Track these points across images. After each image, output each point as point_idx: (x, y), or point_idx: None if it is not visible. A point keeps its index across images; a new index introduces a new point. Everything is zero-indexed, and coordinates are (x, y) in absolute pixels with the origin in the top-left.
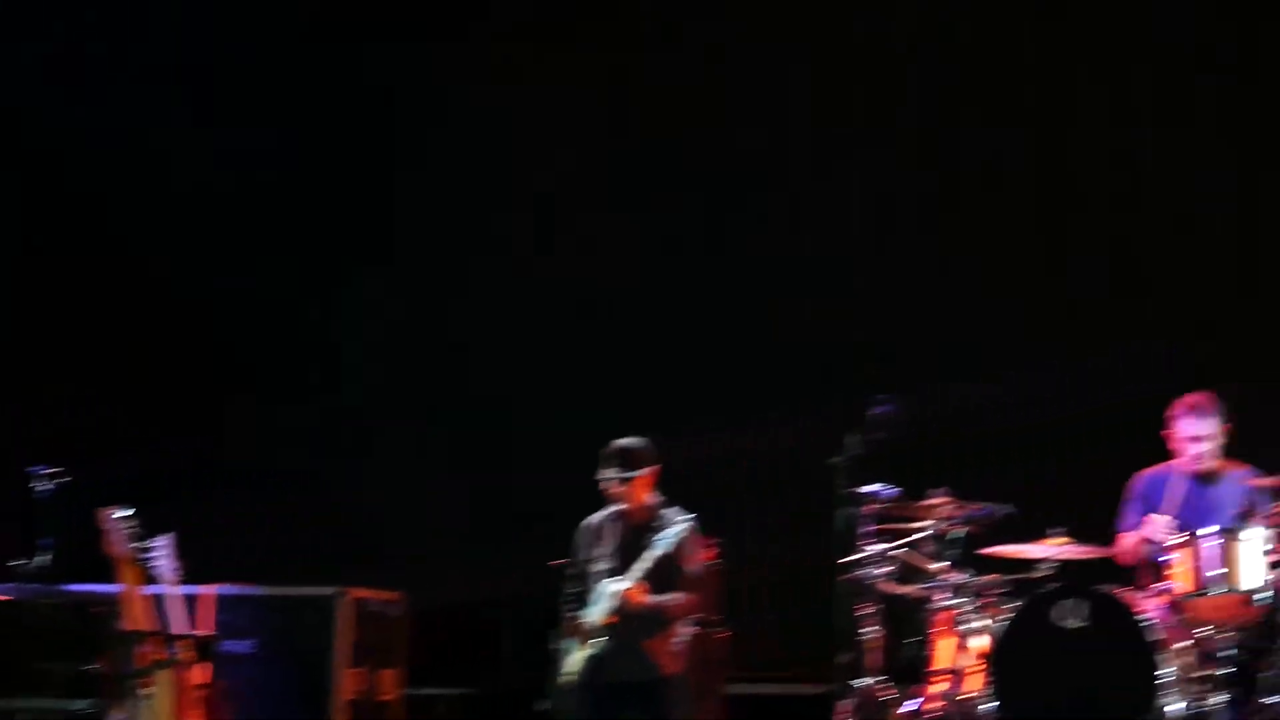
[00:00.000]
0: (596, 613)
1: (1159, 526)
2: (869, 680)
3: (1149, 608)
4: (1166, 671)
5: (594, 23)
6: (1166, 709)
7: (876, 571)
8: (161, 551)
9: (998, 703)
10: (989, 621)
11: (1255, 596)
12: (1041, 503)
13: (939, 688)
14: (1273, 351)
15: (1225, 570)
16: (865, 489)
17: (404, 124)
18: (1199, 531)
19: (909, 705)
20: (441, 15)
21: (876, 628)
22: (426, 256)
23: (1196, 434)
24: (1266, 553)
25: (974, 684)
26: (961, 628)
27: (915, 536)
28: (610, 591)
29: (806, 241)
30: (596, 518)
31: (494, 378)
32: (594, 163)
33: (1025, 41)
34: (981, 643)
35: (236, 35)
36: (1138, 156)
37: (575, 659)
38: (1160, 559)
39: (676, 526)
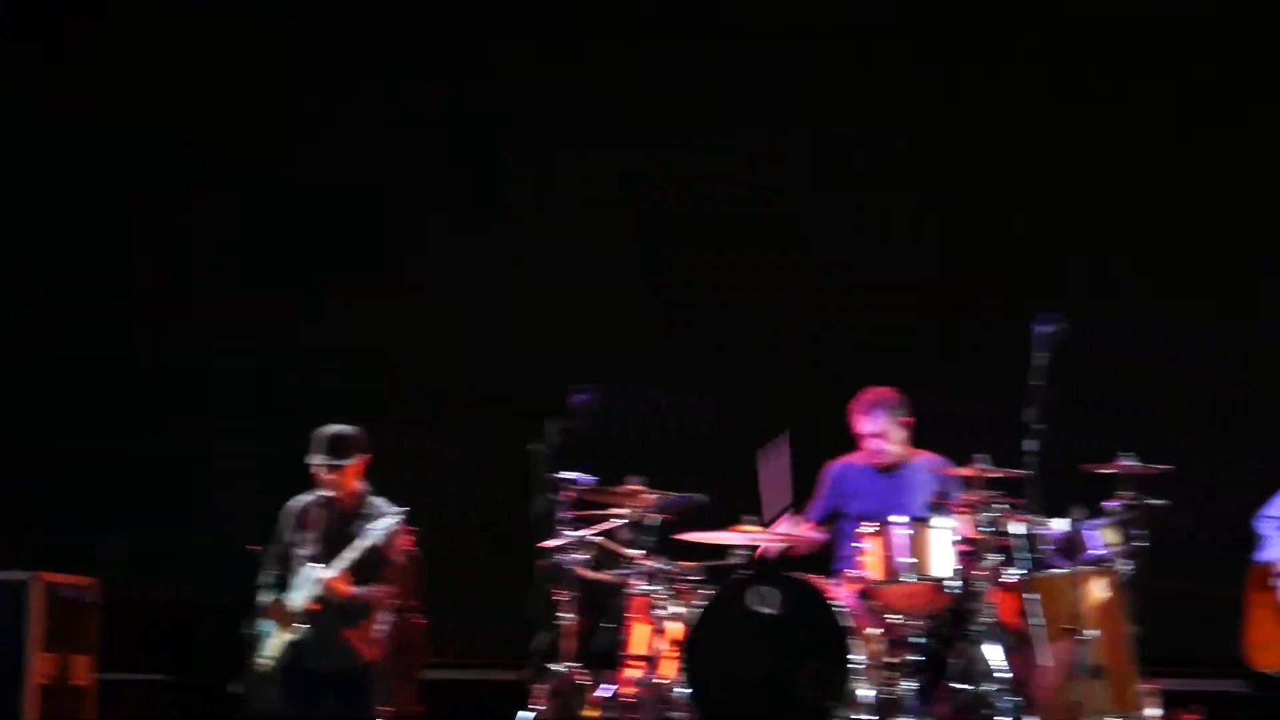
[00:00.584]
0: (298, 598)
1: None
2: (565, 665)
3: (840, 595)
4: (857, 658)
5: None
6: (857, 696)
7: (574, 558)
8: None
9: (690, 689)
10: (683, 608)
11: (944, 585)
12: (740, 492)
13: (634, 673)
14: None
15: (914, 559)
16: (563, 476)
17: None
18: (890, 520)
19: (604, 690)
20: None
21: (573, 613)
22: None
23: (871, 430)
24: (955, 542)
25: (668, 670)
26: (656, 614)
27: (612, 523)
28: (313, 578)
29: (516, 236)
30: (302, 501)
31: (198, 363)
32: None
33: None
34: (676, 629)
35: None
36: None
37: (273, 644)
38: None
39: (387, 519)
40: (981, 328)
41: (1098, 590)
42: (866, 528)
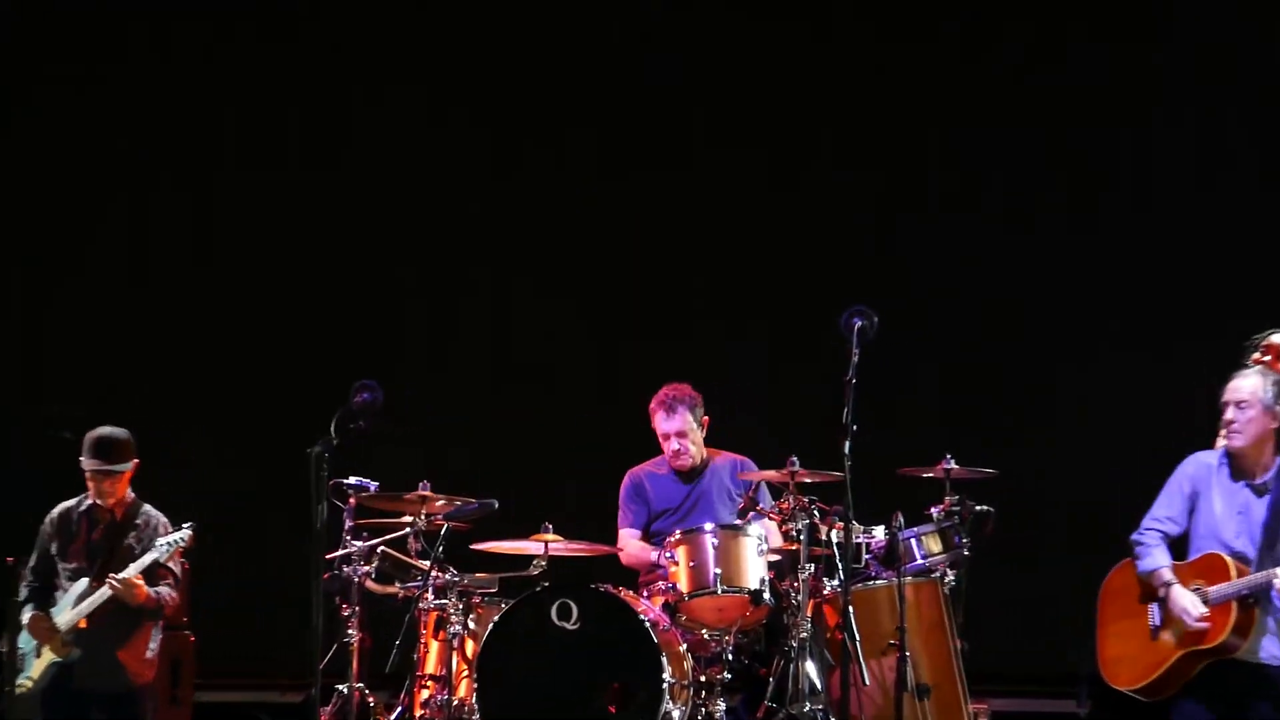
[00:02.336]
0: (65, 615)
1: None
2: (351, 685)
3: (646, 609)
4: (665, 677)
5: None
6: (665, 717)
7: (358, 569)
8: None
9: (483, 711)
10: (477, 623)
11: (757, 597)
12: (535, 498)
13: (426, 694)
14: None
15: (722, 569)
16: (345, 482)
17: None
18: (696, 528)
19: (394, 713)
20: None
21: (358, 630)
22: None
23: (670, 430)
24: (766, 551)
25: (464, 690)
26: (449, 630)
27: (399, 533)
28: (80, 591)
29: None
30: (65, 508)
31: None
32: None
33: None
34: (470, 646)
35: None
36: None
37: (36, 664)
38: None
39: (175, 535)
40: (788, 322)
41: (921, 603)
42: (673, 537)
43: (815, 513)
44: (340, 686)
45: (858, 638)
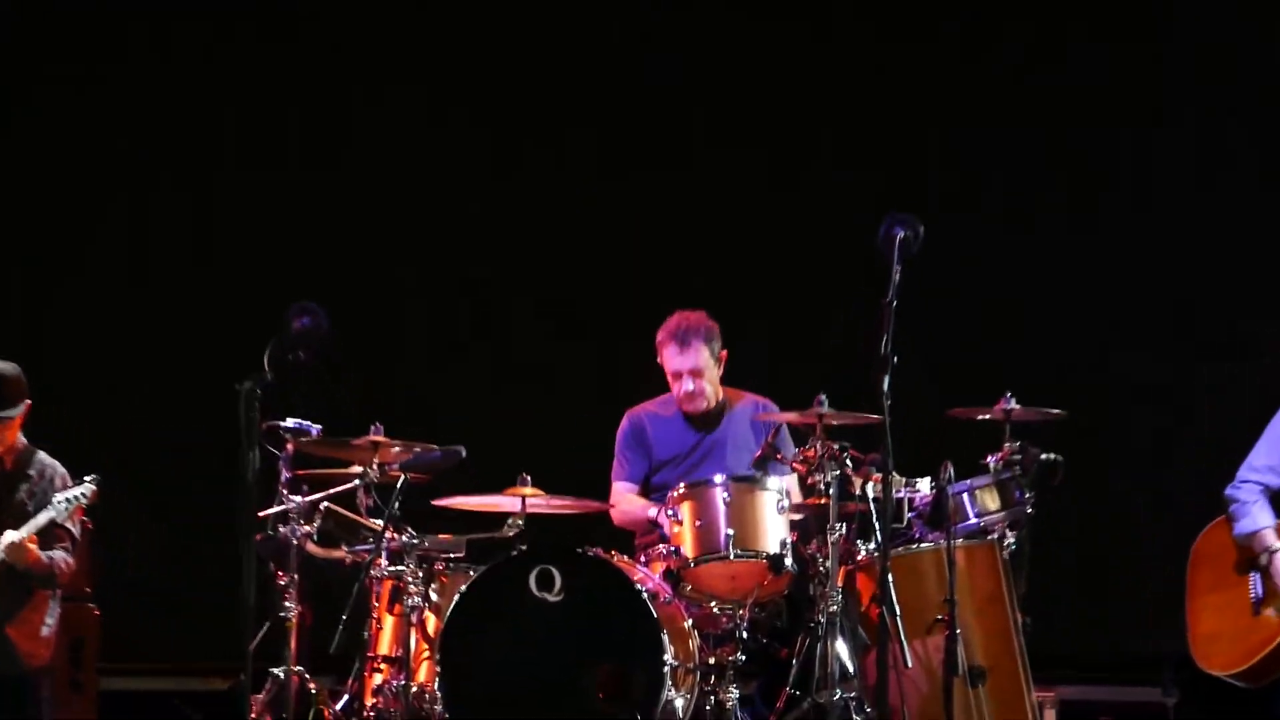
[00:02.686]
0: None
1: None
2: (289, 669)
3: (643, 577)
4: (666, 659)
5: None
6: (667, 707)
7: (298, 530)
8: None
9: (447, 699)
10: (441, 594)
11: (777, 563)
12: (510, 445)
13: (380, 679)
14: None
15: (734, 530)
16: (282, 424)
17: None
18: (704, 480)
19: (341, 701)
20: None
21: (297, 603)
22: None
23: (682, 367)
24: (784, 508)
25: (425, 674)
26: (407, 602)
27: (347, 485)
28: None
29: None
30: None
31: None
32: None
33: None
34: (431, 622)
35: None
36: None
37: None
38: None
39: (75, 490)
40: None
41: (974, 570)
42: (676, 491)
43: (848, 462)
44: (275, 670)
45: (898, 612)
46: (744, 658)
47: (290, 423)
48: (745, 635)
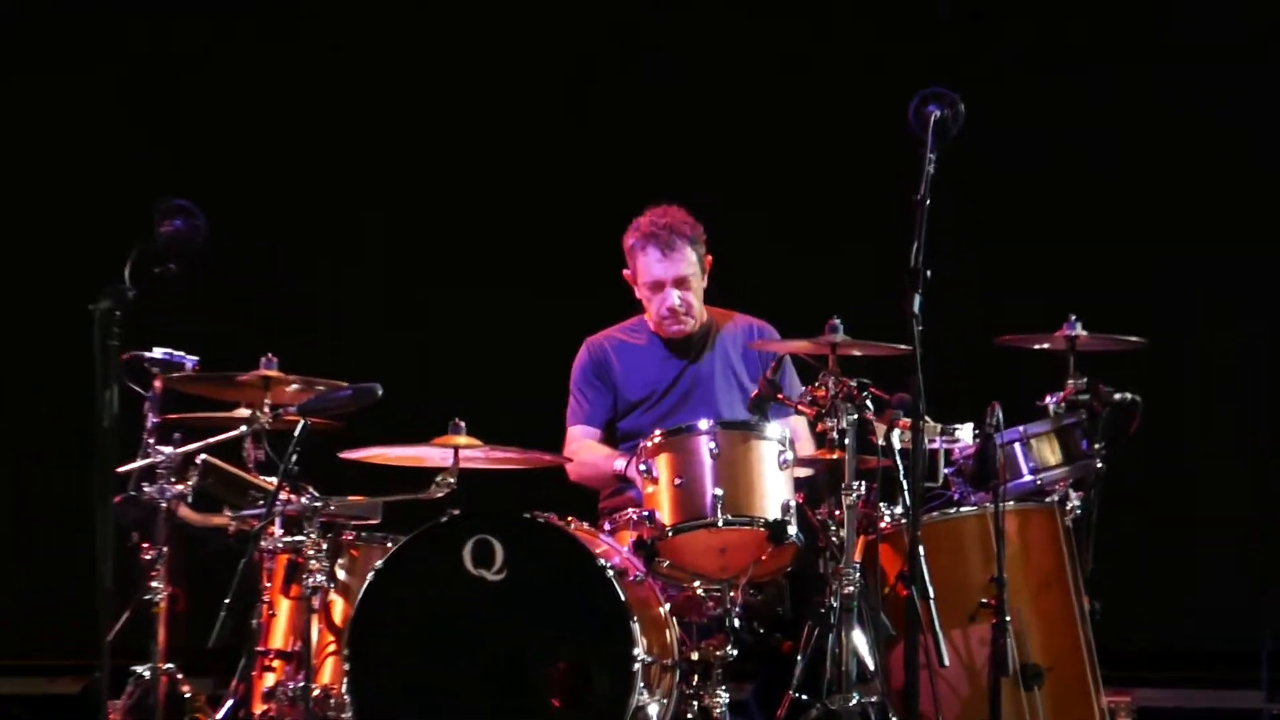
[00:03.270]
0: None
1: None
2: (157, 668)
3: (607, 549)
4: (637, 653)
5: None
6: (636, 713)
7: (168, 491)
8: None
9: (358, 705)
10: (350, 572)
11: (776, 530)
12: (440, 383)
13: (272, 680)
14: None
15: (724, 490)
16: (148, 355)
17: None
18: (685, 427)
19: (224, 709)
20: None
21: (168, 582)
22: None
23: (665, 275)
24: (787, 462)
25: (329, 673)
26: (307, 582)
27: (231, 434)
28: None
29: None
30: None
31: None
32: None
33: None
34: (339, 607)
35: None
36: None
37: None
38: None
39: None
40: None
41: (1030, 542)
42: (651, 440)
43: (868, 404)
44: (139, 669)
45: (932, 595)
46: (735, 653)
47: (158, 353)
48: (738, 624)
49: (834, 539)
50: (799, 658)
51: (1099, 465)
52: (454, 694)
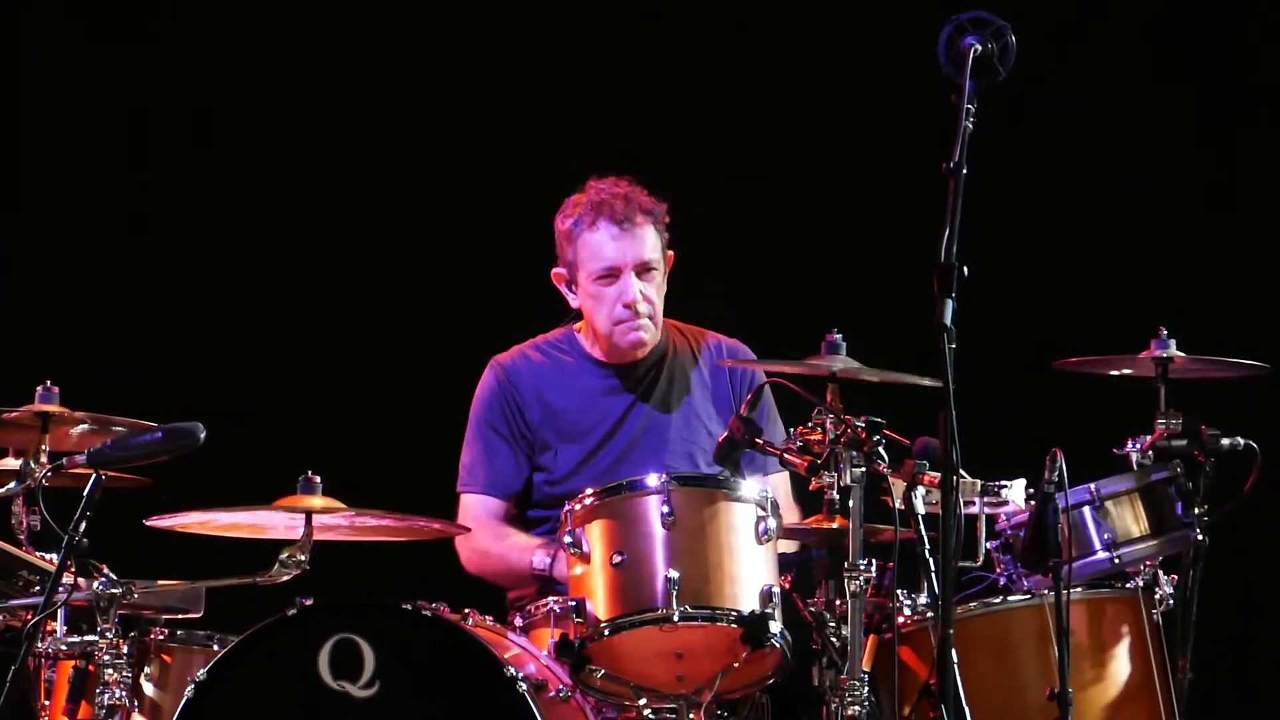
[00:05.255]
0: None
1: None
2: None
3: (520, 655)
4: None
5: None
6: None
7: None
8: None
9: None
10: (160, 684)
11: (755, 629)
12: (286, 424)
13: None
14: None
15: (680, 571)
16: None
17: None
18: (627, 483)
19: None
20: None
21: None
22: None
23: (619, 262)
24: (768, 532)
25: None
26: (101, 698)
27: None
28: None
29: None
30: None
31: None
32: None
33: None
34: None
35: None
36: None
37: None
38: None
39: None
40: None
41: (1105, 641)
42: (581, 503)
43: (882, 453)
44: None
45: (969, 717)
46: None
47: None
48: None
49: (833, 639)
50: None
51: (1200, 537)
52: None
